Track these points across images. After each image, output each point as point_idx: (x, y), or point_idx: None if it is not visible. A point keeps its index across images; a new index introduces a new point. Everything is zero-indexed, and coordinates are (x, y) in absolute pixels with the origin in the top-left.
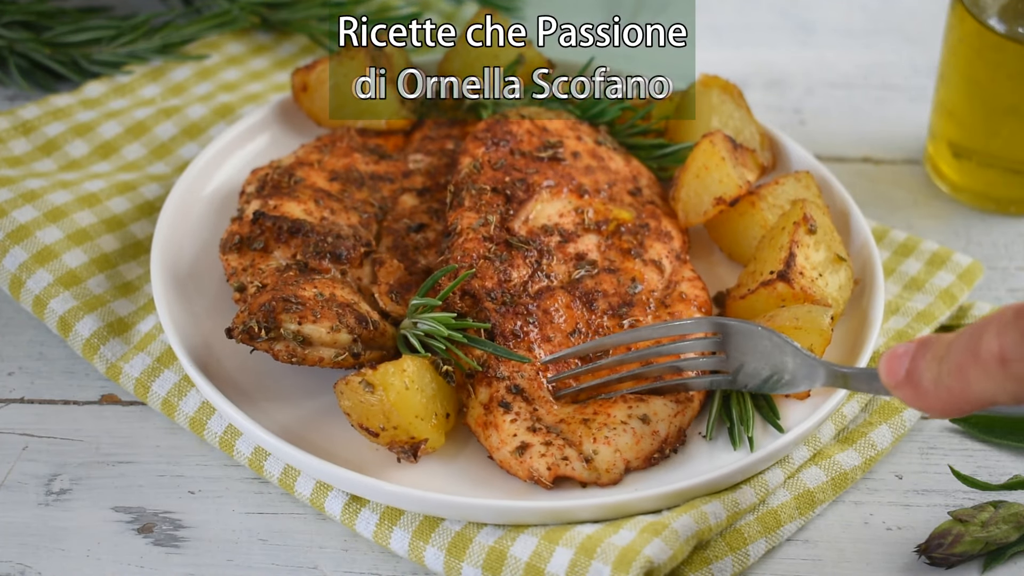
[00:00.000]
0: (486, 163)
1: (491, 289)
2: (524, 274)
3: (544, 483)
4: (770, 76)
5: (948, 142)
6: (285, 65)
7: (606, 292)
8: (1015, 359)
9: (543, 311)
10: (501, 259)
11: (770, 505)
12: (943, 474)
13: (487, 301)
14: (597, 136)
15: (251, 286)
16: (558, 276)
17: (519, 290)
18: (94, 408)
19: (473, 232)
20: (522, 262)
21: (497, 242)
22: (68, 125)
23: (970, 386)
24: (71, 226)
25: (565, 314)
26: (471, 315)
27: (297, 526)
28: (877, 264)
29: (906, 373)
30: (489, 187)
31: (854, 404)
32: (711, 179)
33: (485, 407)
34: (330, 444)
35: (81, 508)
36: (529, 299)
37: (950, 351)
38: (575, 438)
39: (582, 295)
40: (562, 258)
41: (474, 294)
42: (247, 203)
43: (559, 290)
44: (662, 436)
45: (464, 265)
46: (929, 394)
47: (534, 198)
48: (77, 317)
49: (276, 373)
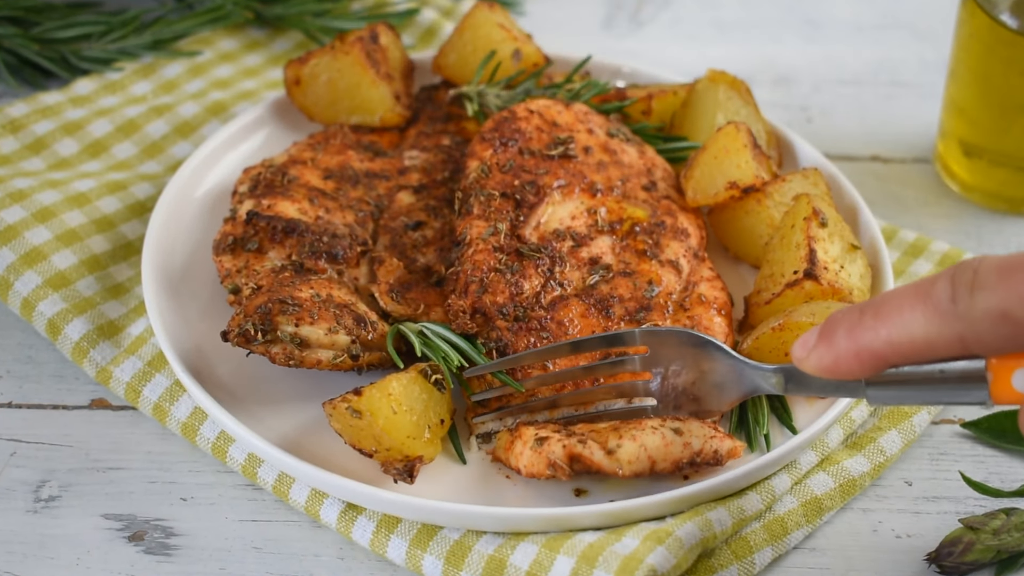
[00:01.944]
0: (494, 166)
1: (503, 305)
2: (536, 284)
3: (562, 467)
4: (777, 73)
5: (959, 140)
6: (279, 61)
7: (622, 297)
8: (966, 300)
9: (557, 323)
10: (512, 270)
11: (777, 512)
12: (954, 480)
13: (499, 319)
14: (609, 127)
15: (246, 288)
16: (572, 283)
17: (532, 302)
18: (84, 413)
19: (483, 243)
20: (534, 271)
21: (508, 251)
22: (57, 123)
23: (898, 326)
24: (60, 227)
25: (581, 324)
26: (482, 334)
27: (292, 534)
28: (887, 265)
29: (820, 331)
30: (498, 192)
31: (863, 409)
32: (729, 162)
33: (511, 431)
34: (325, 451)
35: (70, 515)
36: (543, 311)
37: (873, 302)
38: (601, 438)
39: (597, 302)
40: (575, 264)
41: (485, 312)
42: (240, 203)
43: (573, 299)
44: (695, 449)
45: (475, 280)
46: (841, 344)
47: (545, 201)
48: (66, 320)
49: (270, 378)
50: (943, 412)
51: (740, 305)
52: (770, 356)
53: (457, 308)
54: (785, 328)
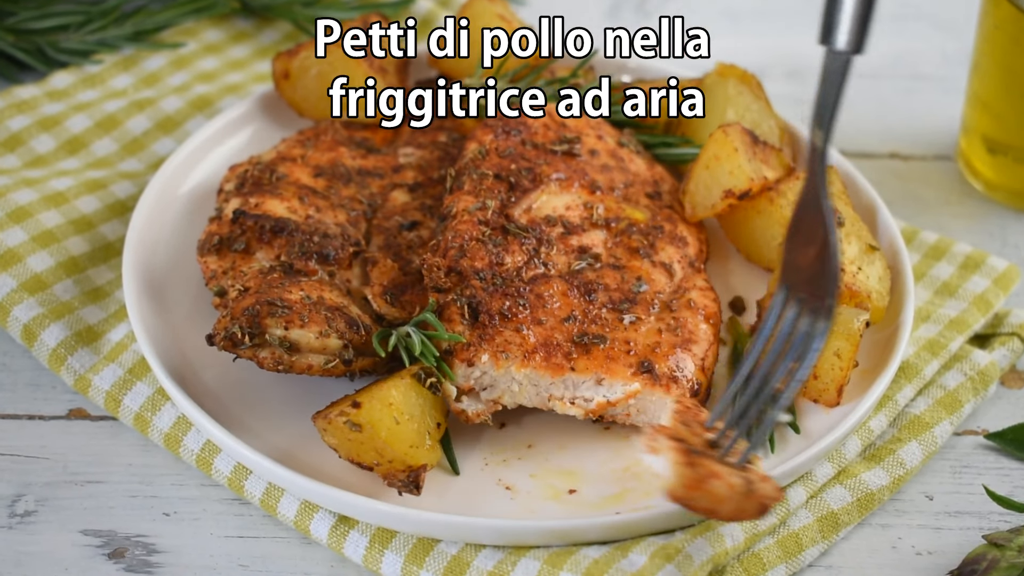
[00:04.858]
0: (493, 150)
1: (480, 269)
2: (519, 260)
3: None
4: (790, 66)
5: (982, 136)
6: (267, 53)
7: (607, 286)
8: None
9: (536, 296)
10: (495, 243)
11: (791, 527)
12: (977, 495)
13: (474, 279)
14: (620, 137)
15: (232, 290)
16: (556, 266)
17: (512, 275)
18: (61, 423)
19: (468, 215)
20: (518, 249)
21: (493, 227)
22: (33, 118)
23: None
24: (36, 227)
25: (561, 301)
26: (454, 292)
27: (280, 550)
28: (907, 268)
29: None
30: (492, 173)
31: (881, 418)
32: (721, 170)
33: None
34: (317, 461)
35: (47, 531)
36: (521, 283)
37: None
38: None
39: (580, 285)
40: (563, 249)
41: (461, 271)
42: (226, 201)
43: (556, 278)
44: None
45: (454, 247)
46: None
47: (540, 188)
48: (43, 325)
49: (258, 385)
50: (966, 423)
51: (752, 310)
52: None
53: (432, 264)
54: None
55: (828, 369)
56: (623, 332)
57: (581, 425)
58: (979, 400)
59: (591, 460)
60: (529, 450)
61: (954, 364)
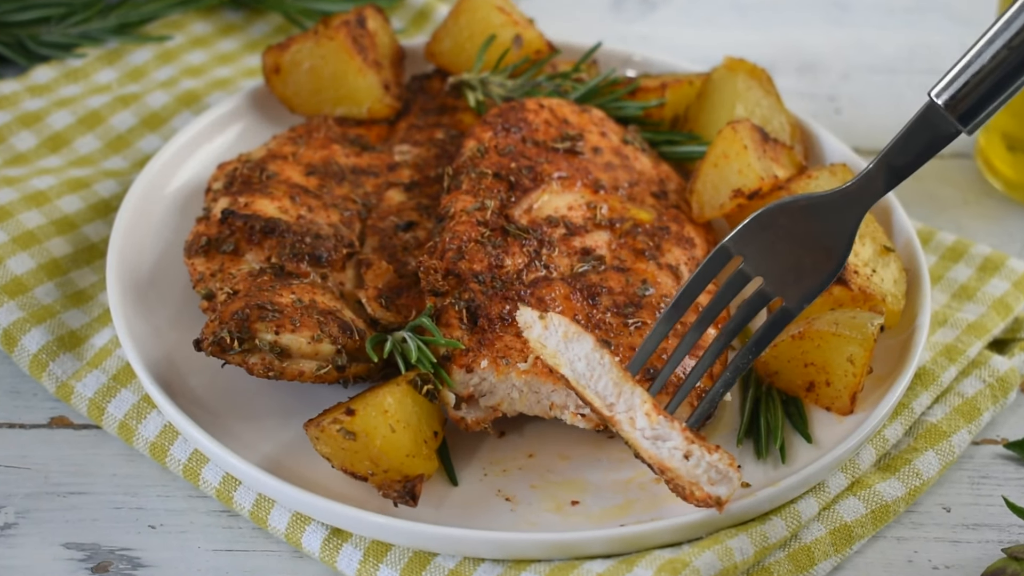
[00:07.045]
0: (492, 148)
1: (479, 272)
2: (520, 263)
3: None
4: (802, 60)
5: (1002, 134)
6: (257, 47)
7: (611, 289)
8: None
9: (537, 299)
10: (495, 244)
11: (803, 540)
12: (996, 506)
13: (473, 282)
14: (625, 135)
15: (221, 293)
16: (558, 268)
17: (512, 277)
18: (43, 432)
19: (466, 215)
20: (519, 250)
21: (492, 228)
22: (13, 115)
23: None
24: (16, 228)
25: (563, 305)
26: (452, 295)
27: (271, 565)
28: (923, 269)
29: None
30: (491, 172)
31: (897, 427)
32: (730, 169)
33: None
34: (309, 471)
35: (28, 544)
36: (522, 286)
37: None
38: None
39: (584, 288)
40: (565, 251)
41: (459, 274)
42: (214, 201)
43: (558, 281)
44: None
45: (452, 248)
46: None
47: (541, 188)
48: (23, 330)
49: (248, 391)
50: (985, 431)
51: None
52: (789, 366)
53: (429, 266)
54: (805, 337)
55: (841, 375)
56: (628, 337)
57: (584, 434)
58: (998, 408)
59: (594, 470)
60: (530, 460)
61: (972, 370)
